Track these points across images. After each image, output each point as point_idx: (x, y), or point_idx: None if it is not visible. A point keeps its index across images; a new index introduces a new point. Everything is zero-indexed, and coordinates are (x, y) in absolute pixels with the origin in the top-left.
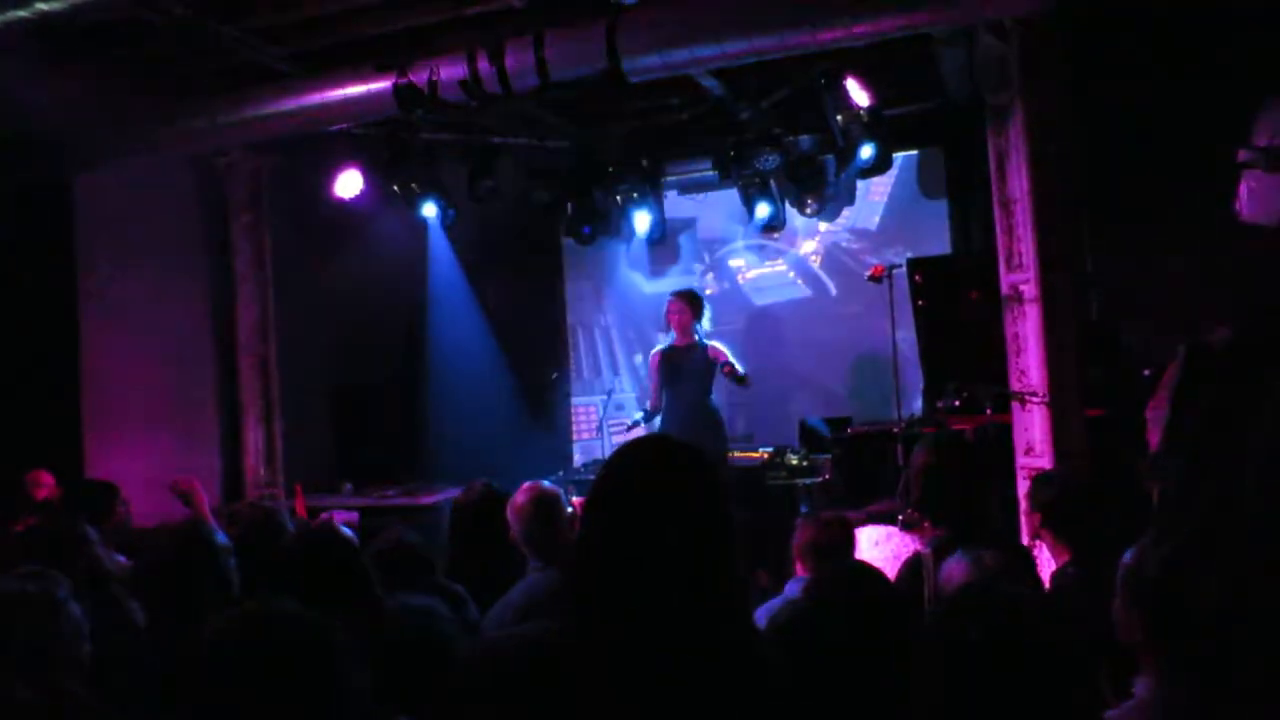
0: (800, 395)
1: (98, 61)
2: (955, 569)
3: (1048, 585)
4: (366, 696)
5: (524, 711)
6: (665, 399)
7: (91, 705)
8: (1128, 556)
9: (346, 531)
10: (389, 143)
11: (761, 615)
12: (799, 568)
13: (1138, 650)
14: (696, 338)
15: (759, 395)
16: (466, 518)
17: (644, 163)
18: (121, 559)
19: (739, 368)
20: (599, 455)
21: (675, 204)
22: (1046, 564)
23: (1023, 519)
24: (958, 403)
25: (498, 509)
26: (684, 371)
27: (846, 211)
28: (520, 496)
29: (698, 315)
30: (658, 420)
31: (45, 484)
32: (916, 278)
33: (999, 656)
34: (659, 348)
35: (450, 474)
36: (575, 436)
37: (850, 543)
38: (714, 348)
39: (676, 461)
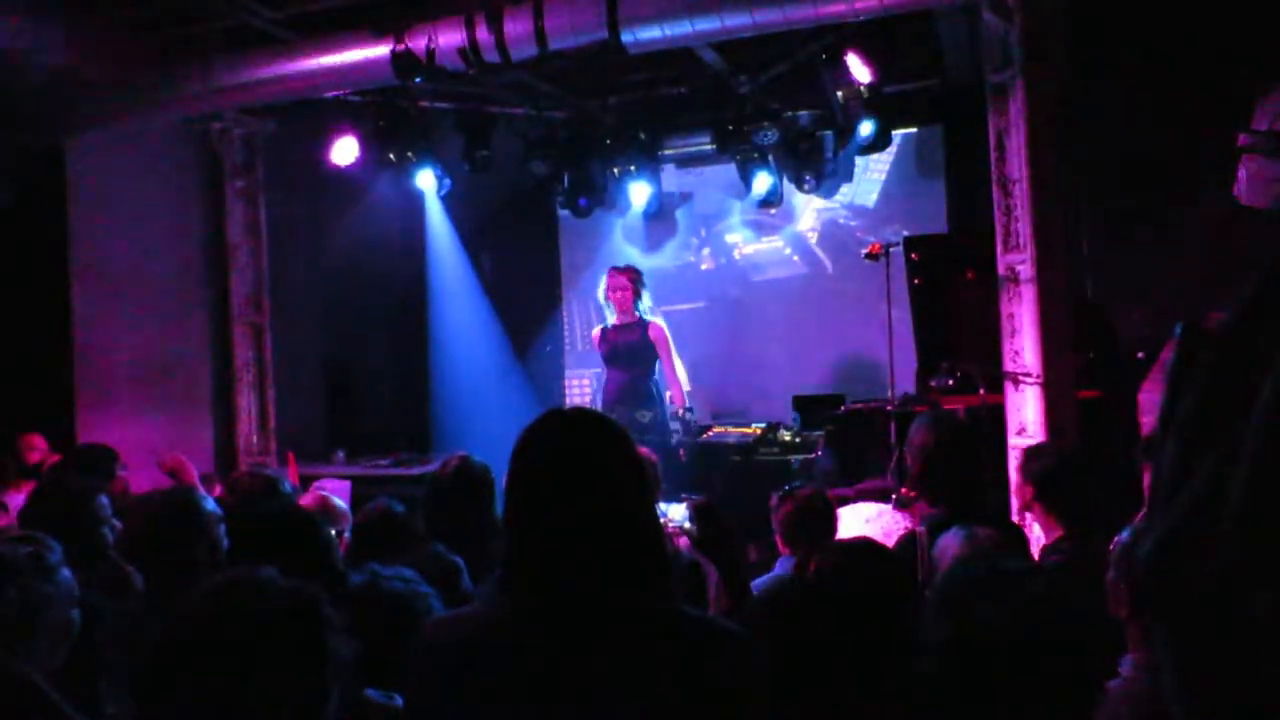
0: (794, 372)
1: (91, 23)
2: (949, 545)
3: (1040, 561)
4: (349, 667)
5: (471, 687)
6: (605, 377)
7: (38, 688)
8: (1124, 535)
9: (337, 501)
10: (385, 110)
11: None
12: (781, 545)
13: (1127, 628)
14: (638, 315)
15: (753, 371)
16: (443, 491)
17: (642, 136)
18: (118, 524)
19: (686, 388)
20: None
21: (673, 178)
22: (1037, 542)
23: (1013, 496)
24: (951, 382)
25: (474, 482)
26: (621, 350)
27: (844, 188)
28: None
29: (638, 292)
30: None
31: (38, 447)
32: (913, 256)
33: (1004, 634)
34: (600, 326)
35: (444, 444)
36: None
37: (831, 519)
38: (655, 325)
39: (582, 431)
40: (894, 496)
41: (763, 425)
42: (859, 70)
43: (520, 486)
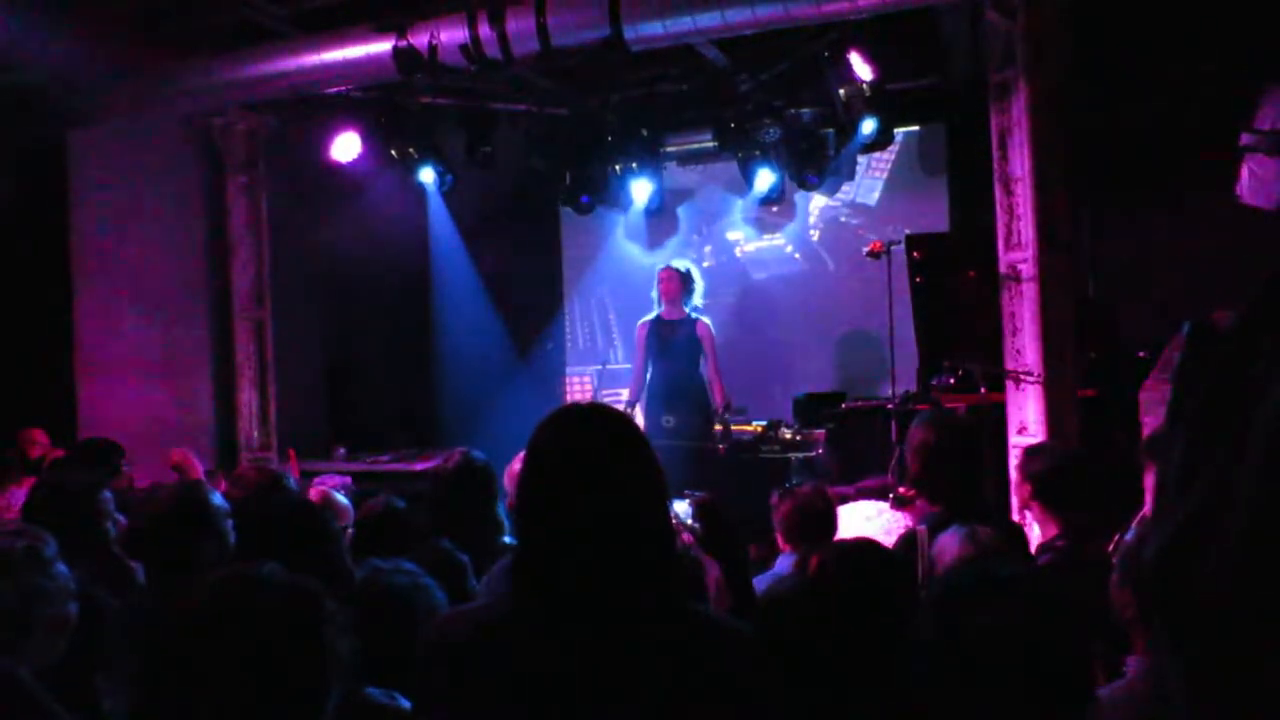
0: (795, 370)
1: (94, 18)
2: (949, 544)
3: (1035, 559)
4: (347, 664)
5: (474, 685)
6: (651, 371)
7: (23, 683)
8: (1129, 535)
9: (340, 498)
10: (387, 106)
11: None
12: (781, 543)
13: (1131, 629)
14: (687, 312)
15: (754, 369)
16: (446, 487)
17: (644, 133)
18: (122, 519)
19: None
20: None
21: (674, 175)
22: (1037, 541)
23: (1013, 495)
24: (952, 380)
25: (477, 478)
26: (671, 345)
27: (846, 186)
28: (517, 463)
29: (688, 290)
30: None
31: (40, 442)
32: (915, 254)
33: (997, 640)
34: (647, 318)
35: (445, 441)
36: None
37: (831, 517)
38: (703, 324)
39: (595, 429)
40: (892, 495)
41: (763, 423)
42: (861, 68)
43: (531, 483)
